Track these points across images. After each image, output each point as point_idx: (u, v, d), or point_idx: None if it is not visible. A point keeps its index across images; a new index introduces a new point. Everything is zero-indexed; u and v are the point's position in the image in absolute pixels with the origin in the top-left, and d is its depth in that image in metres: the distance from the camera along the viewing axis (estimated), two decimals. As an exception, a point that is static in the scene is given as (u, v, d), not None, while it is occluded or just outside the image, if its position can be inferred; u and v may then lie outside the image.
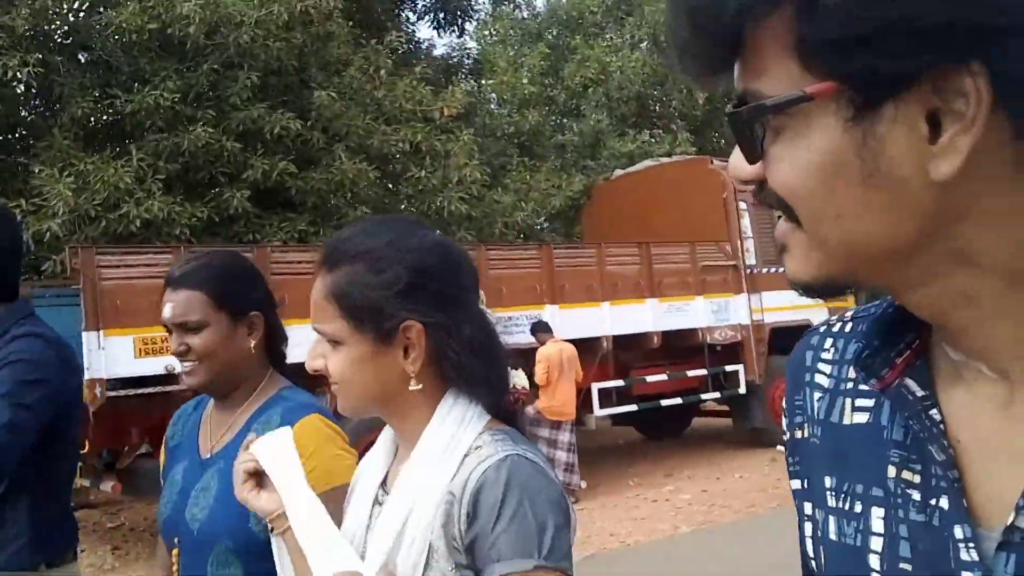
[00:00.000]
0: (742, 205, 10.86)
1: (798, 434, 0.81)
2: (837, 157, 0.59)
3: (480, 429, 1.25)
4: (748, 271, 10.98)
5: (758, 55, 0.60)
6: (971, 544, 0.61)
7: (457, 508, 1.18)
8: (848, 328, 0.79)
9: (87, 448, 7.32)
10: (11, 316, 2.15)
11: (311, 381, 1.74)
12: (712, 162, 11.38)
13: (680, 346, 10.53)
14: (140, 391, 7.16)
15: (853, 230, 0.60)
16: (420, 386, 1.26)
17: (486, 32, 19.76)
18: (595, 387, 9.87)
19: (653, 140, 17.00)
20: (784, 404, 0.84)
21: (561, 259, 9.69)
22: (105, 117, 10.00)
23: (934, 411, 0.65)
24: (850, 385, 0.75)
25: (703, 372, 10.65)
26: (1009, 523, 0.59)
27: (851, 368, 0.75)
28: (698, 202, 11.04)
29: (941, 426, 0.65)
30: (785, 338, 10.27)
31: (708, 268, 10.71)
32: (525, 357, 9.14)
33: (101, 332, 7.02)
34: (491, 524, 1.14)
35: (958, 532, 0.62)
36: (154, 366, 7.12)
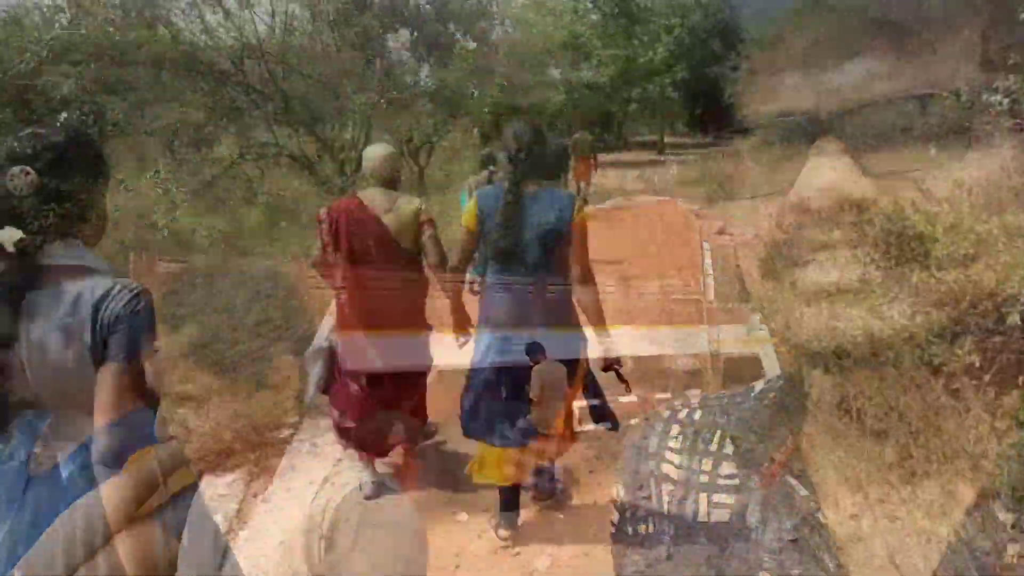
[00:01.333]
0: (704, 245, 12.01)
1: (643, 529, 0.70)
2: None
3: None
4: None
5: None
6: None
7: None
8: (698, 416, 0.71)
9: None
10: None
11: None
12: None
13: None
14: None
15: None
16: None
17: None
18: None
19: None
20: (620, 497, 0.73)
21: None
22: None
23: (819, 514, 0.58)
24: (705, 479, 0.66)
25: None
26: None
27: (704, 461, 0.67)
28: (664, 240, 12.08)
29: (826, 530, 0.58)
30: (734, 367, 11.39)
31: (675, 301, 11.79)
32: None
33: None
34: None
35: None
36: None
